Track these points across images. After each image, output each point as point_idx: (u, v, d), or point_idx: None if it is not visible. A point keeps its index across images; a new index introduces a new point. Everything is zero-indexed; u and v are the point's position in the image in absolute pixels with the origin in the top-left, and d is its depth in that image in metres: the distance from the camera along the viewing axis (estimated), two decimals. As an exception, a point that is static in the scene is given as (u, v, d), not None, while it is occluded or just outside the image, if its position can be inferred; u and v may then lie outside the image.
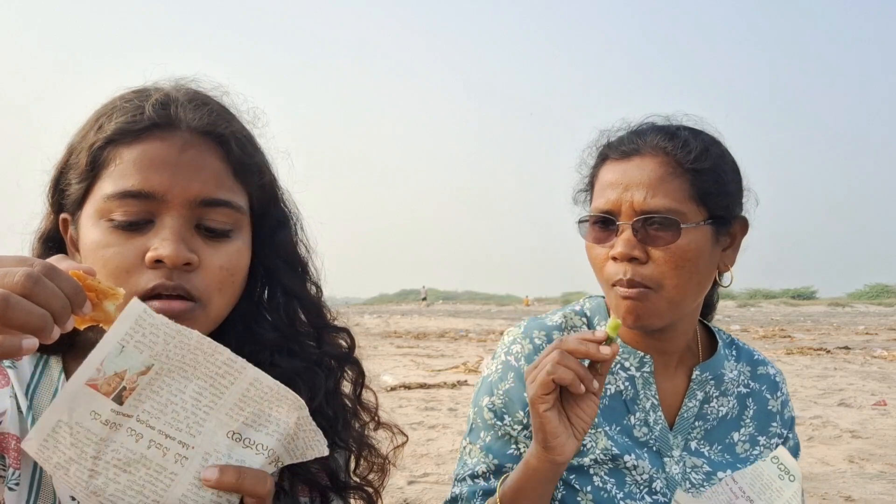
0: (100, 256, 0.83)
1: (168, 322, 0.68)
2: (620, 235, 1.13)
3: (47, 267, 0.63)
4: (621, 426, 1.21)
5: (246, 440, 0.74)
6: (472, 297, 74.92)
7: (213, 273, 0.85)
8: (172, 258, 0.81)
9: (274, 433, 0.74)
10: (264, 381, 0.73)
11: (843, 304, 47.72)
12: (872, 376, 9.99)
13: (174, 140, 0.85)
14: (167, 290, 0.82)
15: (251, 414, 0.73)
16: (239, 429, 0.73)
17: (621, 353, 1.24)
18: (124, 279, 0.82)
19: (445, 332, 18.98)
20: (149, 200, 0.82)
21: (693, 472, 1.21)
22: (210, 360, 0.71)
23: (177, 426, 0.71)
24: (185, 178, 0.83)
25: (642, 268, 1.12)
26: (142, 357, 0.68)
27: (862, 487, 4.55)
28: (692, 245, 1.11)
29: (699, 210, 1.13)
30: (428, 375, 9.58)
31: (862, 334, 19.28)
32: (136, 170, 0.83)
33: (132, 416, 0.69)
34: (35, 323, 0.60)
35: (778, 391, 1.34)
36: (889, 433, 6.22)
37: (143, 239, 0.83)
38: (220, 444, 0.73)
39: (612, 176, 1.17)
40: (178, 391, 0.71)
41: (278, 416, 0.74)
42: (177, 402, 0.71)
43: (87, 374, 0.67)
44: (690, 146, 1.15)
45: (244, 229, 0.91)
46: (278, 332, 0.97)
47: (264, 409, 0.74)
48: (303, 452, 0.78)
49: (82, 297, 0.66)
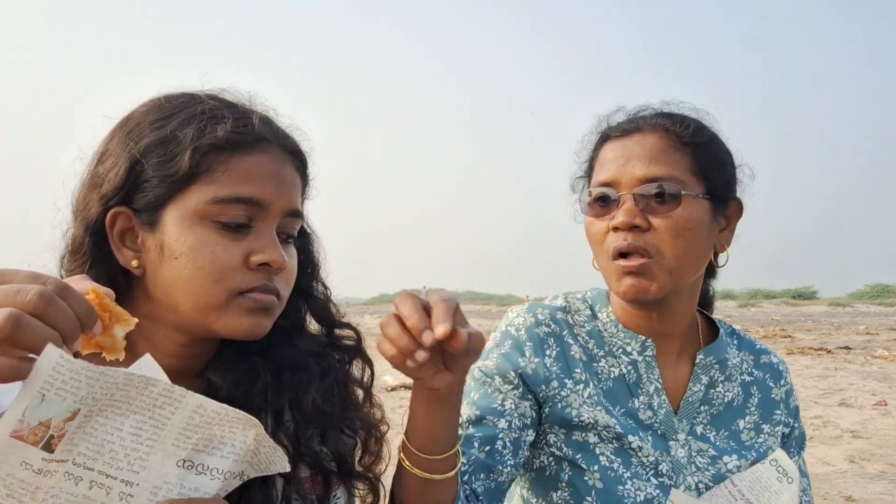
0: (207, 254, 0.86)
1: (88, 365, 0.65)
2: (621, 206, 1.14)
3: (60, 286, 0.62)
4: (626, 409, 1.21)
5: (199, 466, 0.72)
6: (472, 297, 74.91)
7: (290, 275, 0.94)
8: (280, 263, 0.89)
9: (229, 454, 0.73)
10: (209, 406, 0.71)
11: (844, 304, 47.71)
12: (873, 376, 9.99)
13: (275, 154, 0.93)
14: (268, 290, 0.89)
15: (200, 440, 0.71)
16: (189, 456, 0.71)
17: (622, 338, 1.25)
18: (229, 276, 0.87)
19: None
20: (255, 207, 0.89)
21: (699, 457, 1.21)
22: (144, 393, 0.68)
23: (117, 465, 0.69)
24: (286, 191, 0.92)
25: (643, 235, 1.13)
26: (65, 403, 0.64)
27: (863, 487, 4.55)
28: (692, 216, 1.13)
29: (699, 183, 1.15)
30: (428, 375, 9.55)
31: (863, 334, 19.28)
32: (248, 179, 0.89)
33: (67, 460, 0.67)
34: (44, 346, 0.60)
35: (781, 379, 1.34)
36: (890, 433, 6.21)
37: (245, 241, 0.88)
38: (170, 474, 0.71)
39: (613, 153, 1.19)
40: (115, 429, 0.68)
41: (232, 436, 0.72)
42: (114, 440, 0.68)
43: (10, 425, 0.63)
44: (688, 122, 1.18)
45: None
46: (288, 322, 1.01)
47: (215, 433, 0.71)
48: (266, 466, 0.76)
49: (94, 318, 0.65)
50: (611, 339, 1.26)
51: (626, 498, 1.15)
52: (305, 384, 0.97)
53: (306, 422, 0.96)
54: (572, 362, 1.22)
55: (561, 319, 1.26)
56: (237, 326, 0.88)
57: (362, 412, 1.04)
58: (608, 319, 1.27)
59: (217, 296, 0.87)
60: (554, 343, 1.22)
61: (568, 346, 1.23)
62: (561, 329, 1.25)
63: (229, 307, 0.87)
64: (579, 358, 1.22)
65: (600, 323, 1.28)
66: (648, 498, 1.15)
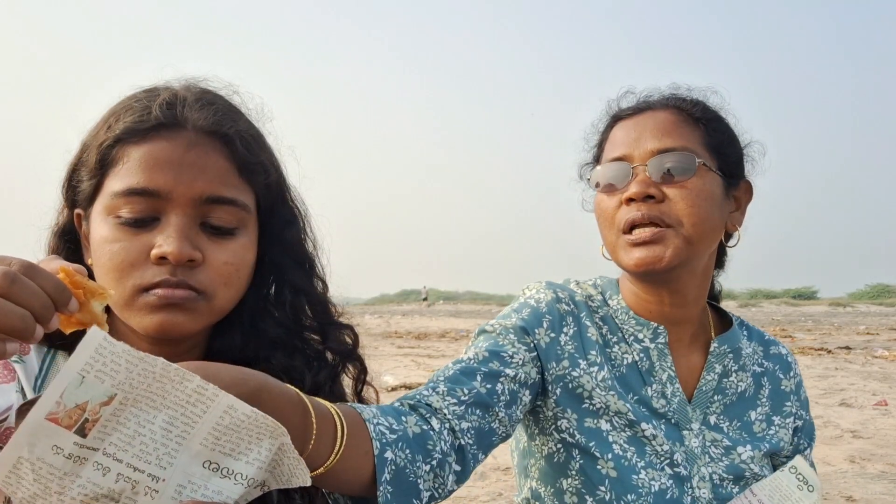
0: (106, 251, 0.85)
1: (129, 349, 0.64)
2: (635, 178, 1.14)
3: (26, 265, 0.62)
4: (639, 396, 1.20)
5: (224, 470, 0.71)
6: (473, 298, 74.84)
7: (217, 268, 0.87)
8: (176, 255, 0.82)
9: (254, 461, 0.72)
10: (240, 409, 0.70)
11: (844, 304, 47.65)
12: (873, 376, 9.99)
13: (179, 140, 0.86)
14: (170, 285, 0.83)
15: (228, 443, 0.70)
16: (215, 458, 0.70)
17: (634, 325, 1.24)
18: (128, 274, 0.83)
19: (446, 333, 18.99)
20: (154, 198, 0.84)
21: (713, 447, 1.20)
22: (179, 388, 0.67)
23: (146, 458, 0.68)
24: (190, 177, 0.85)
25: (658, 206, 1.12)
26: (103, 387, 0.64)
27: (863, 487, 4.55)
28: (707, 187, 1.13)
29: (711, 158, 1.16)
30: (429, 376, 9.57)
31: (863, 334, 19.27)
32: (142, 168, 0.84)
33: (98, 449, 0.66)
34: (14, 324, 0.59)
35: (791, 371, 1.34)
36: (890, 433, 6.21)
37: (148, 236, 0.84)
38: (196, 474, 0.70)
39: (624, 130, 1.20)
40: (147, 422, 0.67)
41: (259, 443, 0.71)
42: (145, 433, 0.67)
43: (47, 407, 0.63)
44: (696, 99, 1.21)
45: (250, 227, 0.92)
46: (282, 329, 0.98)
47: (242, 438, 0.71)
48: (287, 479, 0.75)
49: (66, 295, 0.64)
50: (622, 325, 1.25)
51: (640, 487, 1.13)
52: None
53: None
54: (588, 343, 1.21)
55: (580, 301, 1.25)
56: (147, 324, 0.84)
57: None
58: (619, 307, 1.26)
59: (122, 294, 0.84)
60: (572, 322, 1.21)
61: (585, 327, 1.22)
62: (579, 310, 1.24)
63: (135, 305, 0.84)
64: (596, 340, 1.21)
65: (611, 310, 1.27)
66: (662, 489, 1.14)
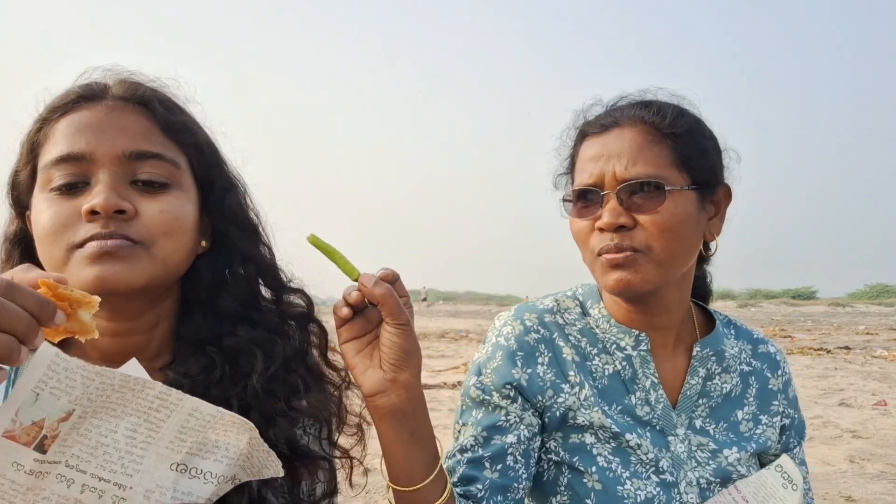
0: (42, 221, 0.86)
1: (84, 365, 0.64)
2: (605, 206, 1.13)
3: (4, 285, 0.59)
4: (622, 406, 1.20)
5: (192, 470, 0.71)
6: (472, 298, 74.95)
7: (153, 217, 0.87)
8: (103, 204, 0.83)
9: (223, 458, 0.72)
10: (204, 410, 0.70)
11: (844, 304, 47.72)
12: (873, 376, 9.99)
13: (99, 107, 0.90)
14: (103, 236, 0.84)
15: (194, 444, 0.70)
16: (183, 460, 0.70)
17: (616, 333, 1.24)
18: (62, 235, 0.85)
19: (446, 333, 18.99)
20: (80, 162, 0.86)
21: (699, 451, 1.20)
22: (140, 395, 0.67)
23: (110, 468, 0.67)
24: (111, 136, 0.88)
25: (630, 234, 1.12)
26: (60, 403, 0.64)
27: (863, 487, 4.55)
28: (678, 209, 1.12)
29: (682, 175, 1.14)
30: (428, 376, 9.59)
31: (862, 334, 19.28)
32: (66, 136, 0.88)
33: (60, 461, 0.66)
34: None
35: (779, 369, 1.34)
36: (890, 433, 6.22)
37: (81, 199, 0.86)
38: (164, 478, 0.70)
39: (593, 150, 1.17)
40: (109, 431, 0.67)
41: (226, 440, 0.72)
42: (108, 442, 0.67)
43: (2, 425, 0.62)
44: (665, 111, 1.16)
45: (185, 185, 0.93)
46: (239, 302, 0.98)
47: (209, 437, 0.71)
48: (258, 471, 0.75)
49: (51, 310, 0.62)
50: (604, 335, 1.24)
51: (625, 498, 1.14)
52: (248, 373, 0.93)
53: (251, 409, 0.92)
54: (565, 365, 1.21)
55: (550, 322, 1.25)
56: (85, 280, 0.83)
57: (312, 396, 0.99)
58: (600, 315, 1.26)
59: (57, 255, 0.85)
60: (545, 349, 1.21)
61: (559, 349, 1.22)
62: (551, 333, 1.23)
63: (71, 262, 0.84)
64: (572, 360, 1.21)
65: (592, 319, 1.26)
66: (649, 497, 1.14)
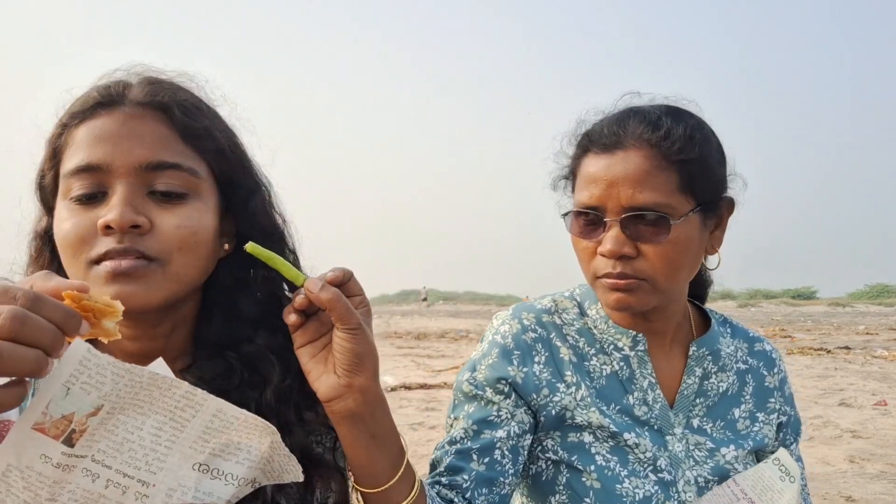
0: (61, 231, 0.85)
1: (115, 361, 0.65)
2: (608, 232, 1.11)
3: (31, 298, 0.59)
4: (620, 405, 1.20)
5: (214, 471, 0.72)
6: (472, 298, 74.92)
7: (169, 233, 0.85)
8: (117, 220, 0.82)
9: (245, 461, 0.73)
10: (228, 411, 0.71)
11: (844, 304, 47.71)
12: (873, 376, 9.99)
13: (117, 114, 0.88)
14: (118, 253, 0.82)
15: (218, 445, 0.71)
16: (206, 460, 0.71)
17: (613, 334, 1.24)
18: (80, 249, 0.84)
19: (446, 333, 18.99)
20: (98, 173, 0.85)
21: (696, 450, 1.21)
22: (167, 394, 0.68)
23: (135, 464, 0.68)
24: (128, 147, 0.86)
25: (632, 262, 1.11)
26: (90, 398, 0.65)
27: (863, 487, 4.55)
28: (682, 237, 1.11)
29: (687, 200, 1.11)
30: (428, 376, 9.60)
31: (862, 334, 19.28)
32: (84, 146, 0.87)
33: (86, 456, 0.66)
34: (29, 368, 0.57)
35: (775, 367, 1.34)
36: (890, 433, 6.22)
37: (98, 210, 0.85)
38: (186, 477, 0.70)
39: (596, 170, 1.14)
40: (136, 428, 0.68)
41: (248, 443, 0.72)
42: (134, 439, 0.68)
43: (33, 418, 0.63)
44: (674, 136, 1.10)
45: (204, 195, 0.91)
46: (260, 306, 0.97)
47: (232, 439, 0.71)
48: (279, 475, 0.76)
49: (76, 322, 0.62)
50: (601, 335, 1.25)
51: (624, 497, 1.14)
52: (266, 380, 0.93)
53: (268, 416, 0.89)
54: (562, 365, 1.21)
55: (547, 322, 1.25)
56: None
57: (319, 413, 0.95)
58: (598, 316, 1.26)
59: (78, 268, 0.84)
60: (542, 348, 1.21)
61: (557, 348, 1.22)
62: (548, 332, 1.23)
63: (90, 278, 0.83)
64: (569, 360, 1.22)
65: (590, 320, 1.27)
66: (647, 495, 1.15)
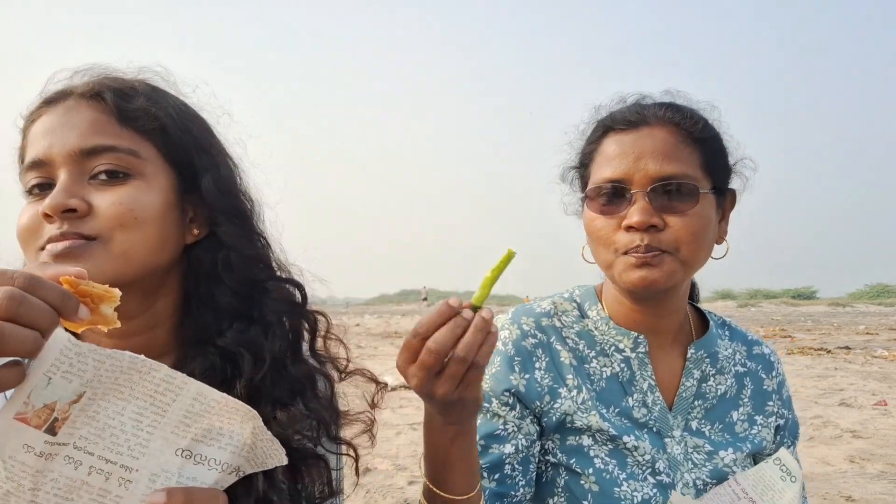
0: (17, 226, 0.89)
1: (95, 348, 0.65)
2: (634, 205, 1.11)
3: (28, 280, 0.60)
4: (620, 408, 1.20)
5: (197, 456, 0.72)
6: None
7: (105, 211, 0.86)
8: (49, 206, 0.84)
9: (227, 446, 0.73)
10: (209, 395, 0.71)
11: (844, 304, 47.71)
12: (873, 376, 9.99)
13: (59, 108, 0.91)
14: (56, 237, 0.84)
15: (200, 430, 0.71)
16: (188, 445, 0.71)
17: (614, 335, 1.24)
18: (29, 240, 0.87)
19: (446, 333, 18.90)
20: (46, 166, 0.89)
21: (695, 453, 1.21)
22: (146, 378, 0.68)
23: (117, 449, 0.68)
24: (63, 137, 0.88)
25: (658, 235, 1.11)
26: (71, 386, 0.65)
27: (863, 487, 4.55)
28: (705, 212, 1.13)
29: (707, 179, 1.15)
30: (428, 375, 9.53)
31: (862, 334, 19.27)
32: (32, 143, 0.91)
33: (68, 443, 0.67)
34: (26, 348, 0.58)
35: (773, 370, 1.35)
36: (890, 433, 6.21)
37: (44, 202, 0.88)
38: (169, 462, 0.70)
39: (620, 147, 1.15)
40: (116, 413, 0.68)
41: (230, 428, 0.72)
42: (115, 424, 0.68)
43: (15, 408, 0.63)
44: (696, 117, 1.16)
45: (148, 174, 0.90)
46: (235, 296, 0.95)
47: (213, 424, 0.72)
48: (263, 461, 0.76)
49: (73, 304, 0.63)
50: (602, 337, 1.25)
51: (622, 500, 1.14)
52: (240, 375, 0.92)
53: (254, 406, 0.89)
54: (563, 369, 1.21)
55: (547, 326, 1.25)
56: None
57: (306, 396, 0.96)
58: (599, 317, 1.26)
59: (30, 260, 0.87)
60: (543, 353, 1.21)
61: (557, 352, 1.22)
62: (548, 336, 1.23)
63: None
64: (569, 363, 1.22)
65: (590, 322, 1.26)
66: (646, 498, 1.15)
